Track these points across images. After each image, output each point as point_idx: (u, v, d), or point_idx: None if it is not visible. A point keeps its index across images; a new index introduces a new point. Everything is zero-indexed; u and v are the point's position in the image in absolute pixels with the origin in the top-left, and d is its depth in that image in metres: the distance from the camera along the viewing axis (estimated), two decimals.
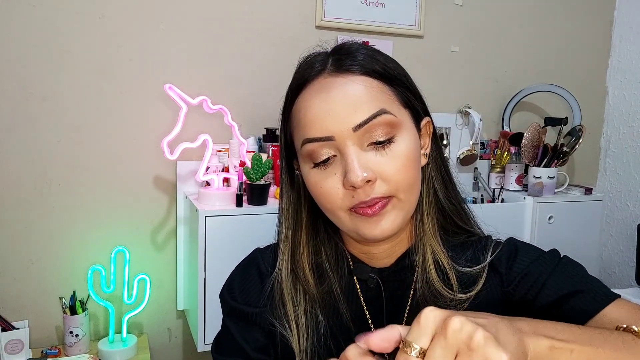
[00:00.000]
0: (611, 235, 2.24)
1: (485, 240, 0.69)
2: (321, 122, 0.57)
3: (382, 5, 1.84)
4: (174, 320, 1.73)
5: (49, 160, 1.53)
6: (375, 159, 0.57)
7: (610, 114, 2.27)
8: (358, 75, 0.59)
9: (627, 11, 2.21)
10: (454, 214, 0.68)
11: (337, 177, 0.58)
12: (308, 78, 0.61)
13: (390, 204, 0.59)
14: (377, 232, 0.59)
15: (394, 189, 0.58)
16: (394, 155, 0.58)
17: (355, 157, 0.56)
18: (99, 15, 1.54)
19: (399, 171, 0.58)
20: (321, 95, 0.58)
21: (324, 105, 0.57)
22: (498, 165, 1.97)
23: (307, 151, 0.59)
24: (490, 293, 0.64)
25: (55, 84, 1.51)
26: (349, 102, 0.57)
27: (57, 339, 1.58)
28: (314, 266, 0.67)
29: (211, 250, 1.37)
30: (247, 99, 1.71)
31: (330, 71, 0.60)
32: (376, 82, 0.59)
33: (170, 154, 1.44)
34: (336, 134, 0.57)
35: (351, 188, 0.57)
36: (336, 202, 0.59)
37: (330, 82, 0.59)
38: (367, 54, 0.61)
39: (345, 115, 0.56)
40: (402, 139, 0.59)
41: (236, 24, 1.69)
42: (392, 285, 0.66)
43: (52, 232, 1.55)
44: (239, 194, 1.42)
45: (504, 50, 2.08)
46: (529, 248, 0.67)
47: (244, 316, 0.67)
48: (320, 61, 0.61)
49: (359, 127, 0.56)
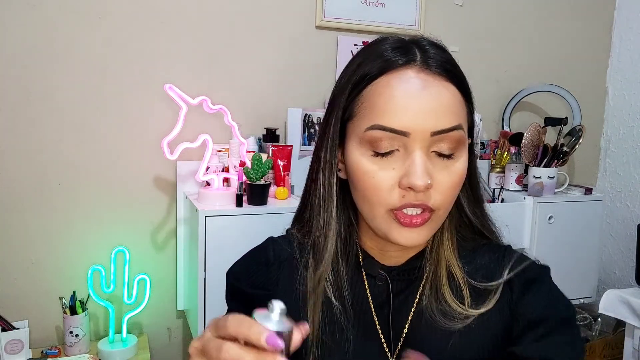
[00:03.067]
0: (611, 235, 2.24)
1: (504, 250, 0.68)
2: (402, 114, 0.55)
3: (382, 5, 1.84)
4: (174, 320, 1.73)
5: (49, 160, 1.53)
6: (437, 168, 0.57)
7: (610, 114, 2.27)
8: (447, 81, 0.57)
9: (627, 11, 2.21)
10: (478, 227, 0.68)
11: (394, 172, 0.57)
12: (394, 65, 0.58)
13: (431, 219, 0.59)
14: (409, 242, 0.59)
15: (442, 203, 0.58)
16: (454, 171, 0.58)
17: (423, 161, 0.56)
18: (99, 15, 1.54)
19: (452, 187, 0.58)
20: (410, 89, 0.56)
21: (409, 99, 0.56)
22: (498, 165, 1.97)
23: (372, 137, 0.57)
24: (501, 310, 0.63)
25: (55, 84, 1.51)
26: (436, 105, 0.56)
27: (57, 339, 1.58)
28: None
29: (211, 250, 1.37)
30: (247, 99, 1.72)
31: (420, 66, 0.57)
32: (460, 96, 0.59)
33: (170, 154, 1.44)
34: (414, 132, 0.55)
35: (407, 189, 0.56)
36: (383, 196, 0.58)
37: (422, 78, 0.57)
38: (451, 60, 0.60)
39: (429, 117, 0.55)
40: (461, 157, 0.59)
41: (236, 24, 1.69)
42: (400, 285, 0.66)
43: (52, 232, 1.55)
44: (239, 194, 1.42)
45: (504, 50, 2.08)
46: (550, 288, 0.65)
47: (247, 298, 0.69)
48: (408, 53, 0.58)
49: (437, 133, 0.56)
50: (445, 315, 0.62)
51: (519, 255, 0.67)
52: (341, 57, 1.82)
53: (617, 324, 2.02)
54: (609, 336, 2.00)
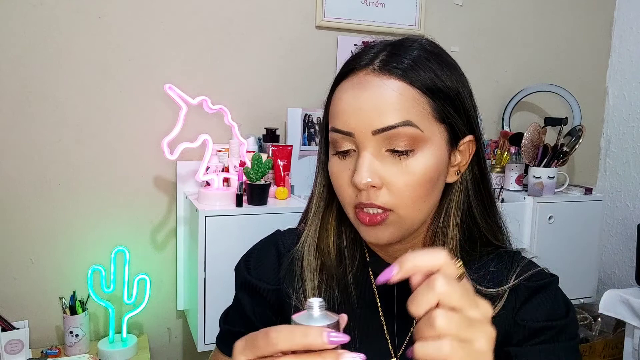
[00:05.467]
0: (611, 235, 2.24)
1: (512, 255, 0.67)
2: (347, 117, 0.58)
3: (382, 5, 1.84)
4: (174, 320, 1.73)
5: (49, 160, 1.53)
6: (388, 167, 0.57)
7: (610, 114, 2.27)
8: (397, 80, 0.57)
9: (627, 11, 2.21)
10: (487, 231, 0.67)
11: (349, 172, 0.60)
12: (352, 69, 0.61)
13: (389, 218, 0.59)
14: (372, 240, 0.61)
15: (396, 203, 0.58)
16: (408, 169, 0.57)
17: (367, 160, 0.57)
18: (99, 15, 1.54)
19: (407, 185, 0.57)
20: (354, 92, 0.59)
21: (353, 102, 0.58)
22: (498, 165, 1.97)
23: (332, 139, 0.61)
24: (503, 315, 0.62)
25: (55, 84, 1.51)
26: (376, 105, 0.57)
27: (57, 339, 1.58)
28: (338, 250, 0.68)
29: (211, 250, 1.37)
30: (247, 99, 1.72)
31: (373, 68, 0.59)
32: (414, 91, 0.57)
33: (170, 154, 1.44)
34: (356, 132, 0.58)
35: (355, 188, 0.58)
36: (345, 195, 0.61)
37: (368, 80, 0.58)
38: (419, 59, 0.59)
39: (369, 117, 0.57)
40: (422, 154, 0.58)
41: (236, 24, 1.69)
42: (406, 284, 0.66)
43: (52, 232, 1.55)
44: (239, 194, 1.42)
45: (504, 50, 2.08)
46: (555, 298, 0.64)
47: (256, 290, 0.69)
48: (372, 54, 0.60)
49: (378, 132, 0.57)
50: None
51: (527, 262, 0.66)
52: (341, 57, 1.82)
53: (617, 324, 2.02)
54: (609, 336, 2.00)
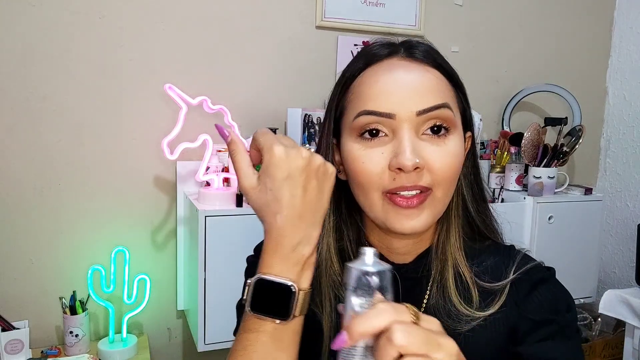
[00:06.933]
0: (611, 235, 2.24)
1: (508, 249, 0.68)
2: (386, 98, 0.57)
3: (382, 5, 1.84)
4: (174, 320, 1.73)
5: (49, 160, 1.53)
6: (429, 148, 0.57)
7: (610, 114, 2.27)
8: (429, 66, 0.60)
9: (627, 11, 2.21)
10: (482, 225, 0.68)
11: (383, 156, 0.57)
12: (378, 57, 0.61)
13: (428, 199, 0.58)
14: (407, 227, 0.58)
15: (437, 182, 0.58)
16: (447, 150, 0.58)
17: (410, 141, 0.56)
18: (99, 15, 1.54)
19: (447, 165, 0.58)
20: (392, 74, 0.58)
21: (392, 83, 0.58)
22: (498, 165, 1.97)
23: (361, 123, 0.58)
24: (507, 310, 0.62)
25: (55, 84, 1.51)
26: (419, 86, 0.57)
27: (57, 339, 1.58)
28: (339, 251, 0.66)
29: (211, 250, 1.37)
30: (247, 99, 1.71)
31: (403, 55, 0.60)
32: (444, 78, 0.60)
33: (170, 154, 1.44)
34: (398, 113, 0.57)
35: (397, 171, 0.56)
36: (375, 180, 0.58)
37: (403, 64, 0.59)
38: (437, 52, 0.62)
39: (413, 98, 0.57)
40: (454, 138, 0.59)
41: (236, 24, 1.69)
42: (408, 283, 0.66)
43: (52, 232, 1.55)
44: (239, 194, 1.42)
45: (504, 50, 2.08)
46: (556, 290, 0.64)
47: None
48: (392, 46, 0.62)
49: (422, 112, 0.57)
50: (450, 317, 0.61)
51: (523, 256, 0.67)
52: (341, 57, 1.82)
53: (617, 324, 2.02)
54: (609, 336, 2.00)
